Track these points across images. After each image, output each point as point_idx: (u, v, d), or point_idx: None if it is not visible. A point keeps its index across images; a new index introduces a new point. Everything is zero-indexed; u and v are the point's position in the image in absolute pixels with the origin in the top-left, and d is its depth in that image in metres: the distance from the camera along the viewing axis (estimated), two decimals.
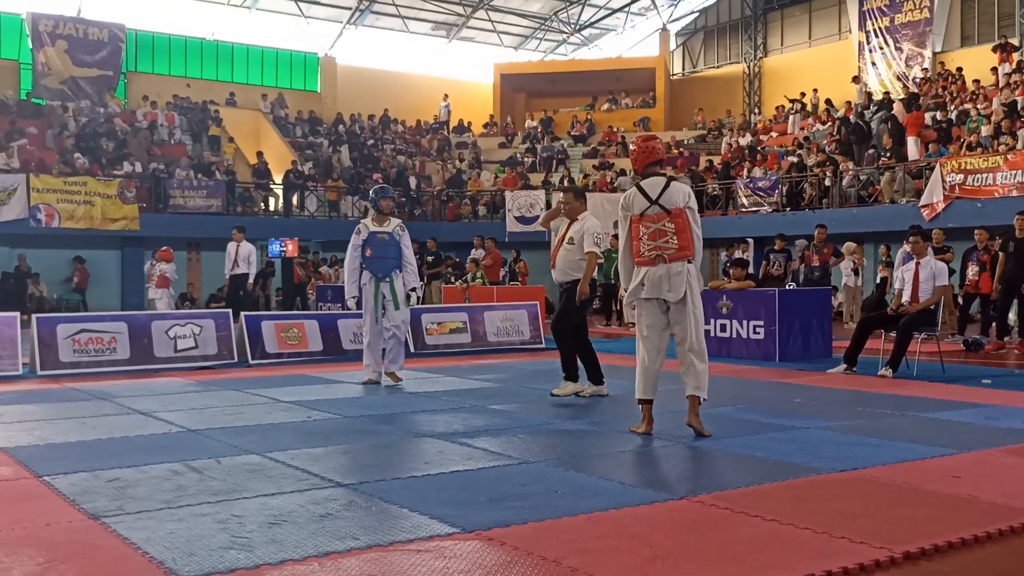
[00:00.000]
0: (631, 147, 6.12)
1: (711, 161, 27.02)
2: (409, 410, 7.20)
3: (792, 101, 28.64)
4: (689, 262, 5.78)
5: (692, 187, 23.90)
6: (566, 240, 7.70)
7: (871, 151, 21.67)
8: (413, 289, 8.97)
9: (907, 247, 13.66)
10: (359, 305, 9.01)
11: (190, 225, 22.21)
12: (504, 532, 3.69)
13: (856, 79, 27.86)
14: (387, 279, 8.83)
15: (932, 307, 9.47)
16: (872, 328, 9.71)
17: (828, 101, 27.18)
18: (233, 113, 29.13)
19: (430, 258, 18.40)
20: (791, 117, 27.91)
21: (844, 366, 9.51)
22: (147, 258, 18.37)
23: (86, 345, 10.23)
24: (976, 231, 14.03)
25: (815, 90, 28.59)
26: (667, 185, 5.81)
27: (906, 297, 9.50)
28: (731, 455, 5.33)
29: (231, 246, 16.15)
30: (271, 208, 25.45)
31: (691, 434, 5.96)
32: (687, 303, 5.77)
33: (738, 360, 10.98)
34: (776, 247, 15.78)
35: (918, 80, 26.04)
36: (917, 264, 9.53)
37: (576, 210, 7.79)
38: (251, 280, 16.45)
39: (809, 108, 28.00)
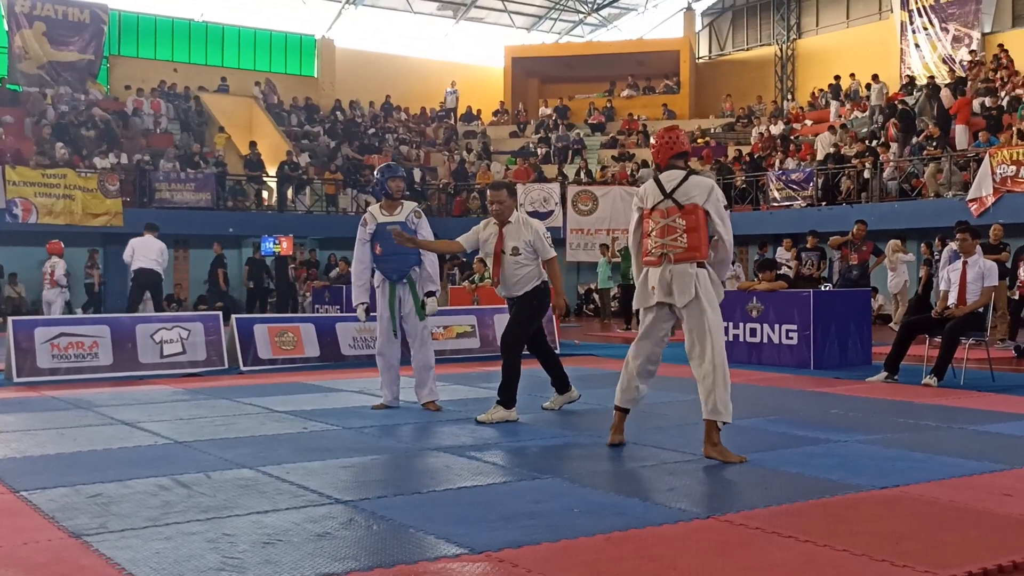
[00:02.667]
0: (652, 140, 6.07)
1: (740, 151, 26.97)
2: (413, 421, 7.20)
3: (830, 86, 28.58)
4: (700, 265, 5.59)
5: (718, 180, 23.98)
6: (508, 250, 7.16)
7: (915, 141, 21.59)
8: (430, 294, 7.80)
9: (953, 245, 13.66)
10: (370, 313, 8.02)
11: (177, 221, 22.27)
12: (516, 553, 3.69)
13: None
14: (404, 280, 7.78)
15: (980, 310, 9.43)
16: (916, 333, 9.68)
17: (868, 86, 27.08)
18: (224, 100, 29.23)
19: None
20: (832, 104, 27.82)
21: (885, 374, 9.48)
22: None
23: (66, 350, 10.28)
24: None
25: (852, 75, 28.49)
26: (685, 178, 5.64)
27: (952, 299, 9.46)
28: (762, 471, 5.31)
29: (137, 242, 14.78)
30: (264, 203, 25.53)
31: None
32: (699, 309, 5.54)
33: (769, 367, 10.95)
34: (808, 245, 15.74)
35: (965, 63, 25.92)
36: (964, 263, 9.50)
37: (509, 210, 7.27)
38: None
39: (847, 93, 27.90)
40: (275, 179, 25.39)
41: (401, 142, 30.03)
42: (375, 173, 8.10)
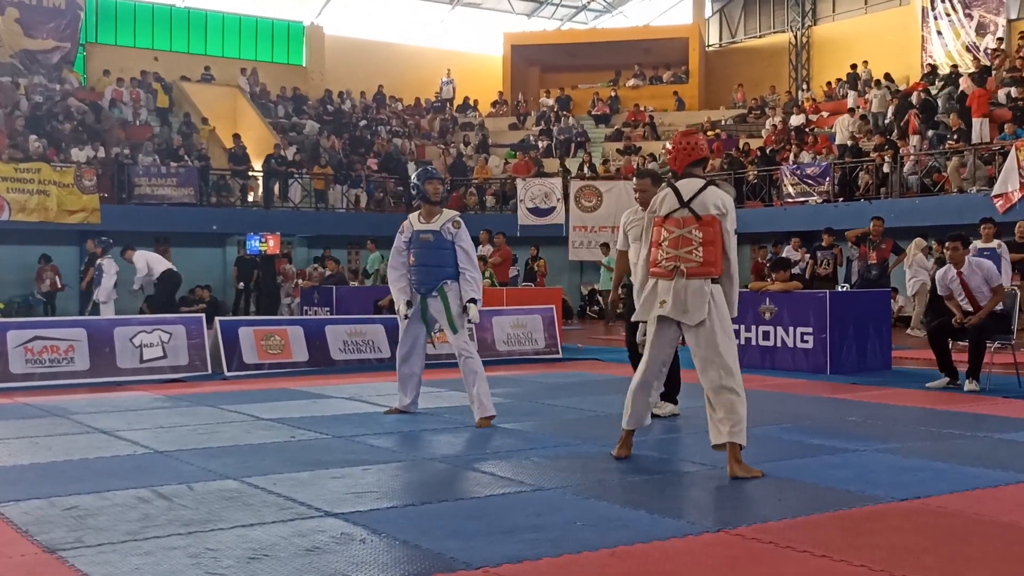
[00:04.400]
0: (668, 145, 6.02)
1: (748, 144, 26.98)
2: (407, 429, 7.21)
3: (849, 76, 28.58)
4: (715, 281, 5.51)
5: (729, 174, 24.00)
6: None
7: (931, 133, 21.59)
8: (472, 300, 7.56)
9: (978, 243, 13.68)
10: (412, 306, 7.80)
11: (158, 218, 22.28)
12: (516, 569, 3.70)
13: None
14: (435, 293, 7.58)
15: (1002, 310, 9.48)
16: (944, 337, 9.69)
17: (887, 76, 27.09)
18: (207, 90, 29.21)
19: None
20: (850, 94, 27.83)
21: (947, 379, 9.51)
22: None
23: (40, 354, 10.27)
24: None
25: (865, 62, 28.47)
26: (704, 188, 5.56)
27: (967, 307, 9.47)
28: (775, 481, 5.32)
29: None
30: (250, 198, 25.54)
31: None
32: (711, 330, 5.46)
33: (783, 372, 10.96)
34: (823, 243, 15.75)
35: (990, 51, 25.93)
36: (960, 274, 9.49)
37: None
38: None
39: (865, 83, 27.90)
40: (261, 173, 25.40)
41: (394, 135, 30.03)
42: (412, 176, 7.94)
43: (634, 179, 7.51)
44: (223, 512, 4.62)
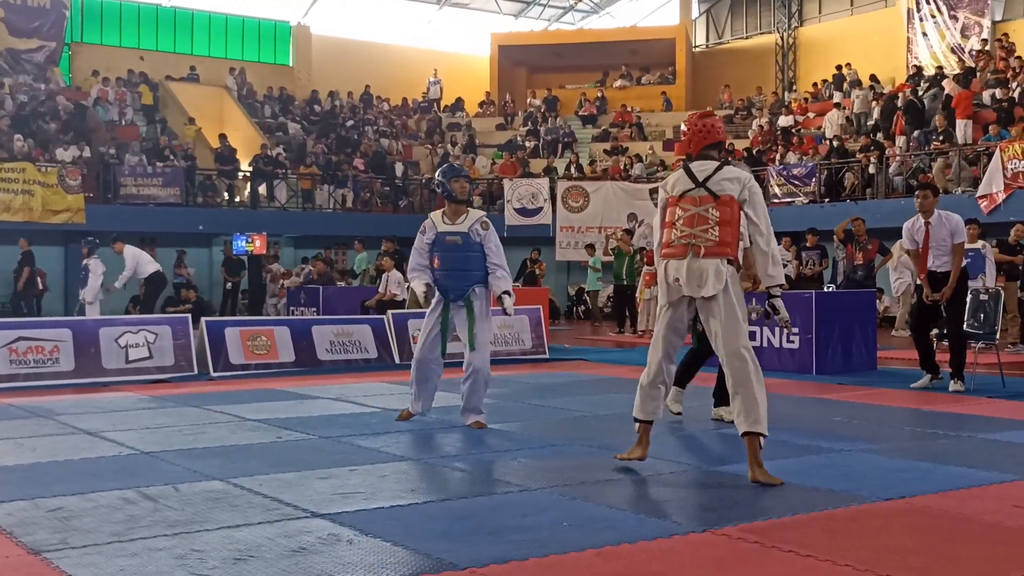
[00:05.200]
0: (683, 127, 5.94)
1: (734, 145, 27.02)
2: (394, 429, 7.20)
3: (834, 76, 28.68)
4: (729, 262, 5.34)
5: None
6: None
7: (916, 133, 21.69)
8: (506, 292, 7.19)
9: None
10: (428, 299, 7.35)
11: (143, 218, 22.18)
12: (502, 569, 3.70)
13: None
14: (461, 302, 7.16)
15: (985, 297, 9.61)
16: (927, 328, 9.74)
17: (873, 77, 27.20)
18: (193, 90, 29.12)
19: None
20: (835, 95, 27.94)
21: (929, 376, 9.56)
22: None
23: (24, 355, 10.23)
24: None
25: (848, 64, 28.58)
26: (719, 167, 5.41)
27: (939, 268, 9.42)
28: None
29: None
30: (236, 199, 25.47)
31: (714, 458, 5.97)
32: (729, 301, 5.29)
33: (769, 373, 10.87)
34: (808, 243, 15.80)
35: (975, 53, 26.07)
36: (927, 224, 9.45)
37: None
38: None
39: (851, 84, 28.01)
40: (248, 173, 25.32)
41: (381, 135, 30.00)
42: (436, 174, 7.41)
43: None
44: (209, 513, 4.61)
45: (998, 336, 9.72)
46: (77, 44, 29.55)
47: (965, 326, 9.90)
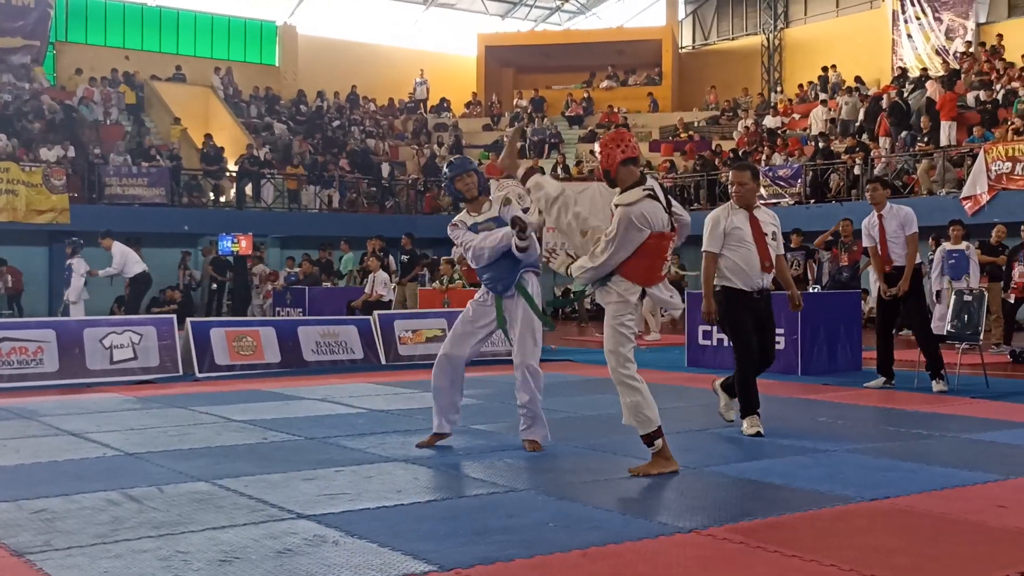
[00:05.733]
0: (598, 148, 5.80)
1: (720, 146, 27.10)
2: (380, 431, 7.19)
3: (820, 78, 28.81)
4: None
5: (703, 176, 24.06)
6: (770, 234, 6.93)
7: (903, 135, 21.79)
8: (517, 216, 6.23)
9: (947, 245, 13.82)
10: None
11: (129, 218, 22.08)
12: (488, 570, 3.70)
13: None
14: (510, 292, 6.39)
15: (969, 294, 9.76)
16: (891, 327, 9.78)
17: (858, 78, 27.31)
18: (179, 90, 29.04)
19: (404, 258, 18.37)
20: (821, 96, 28.04)
21: (883, 379, 9.59)
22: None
23: (8, 356, 10.16)
24: (1023, 227, 14.12)
25: (833, 66, 28.70)
26: (656, 189, 5.63)
27: (897, 262, 9.46)
28: (746, 482, 5.35)
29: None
30: (222, 199, 25.40)
31: (700, 459, 5.98)
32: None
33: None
34: (793, 244, 15.85)
35: (959, 55, 26.20)
36: (880, 217, 9.55)
37: (753, 194, 7.11)
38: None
39: (835, 86, 28.13)
40: (234, 173, 25.25)
41: (368, 135, 29.97)
42: (445, 170, 6.73)
43: (731, 172, 7.14)
44: (194, 514, 4.59)
45: (981, 337, 9.77)
46: (62, 43, 29.43)
47: (949, 327, 9.95)
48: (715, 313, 6.82)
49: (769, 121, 27.65)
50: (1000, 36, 25.65)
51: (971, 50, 25.94)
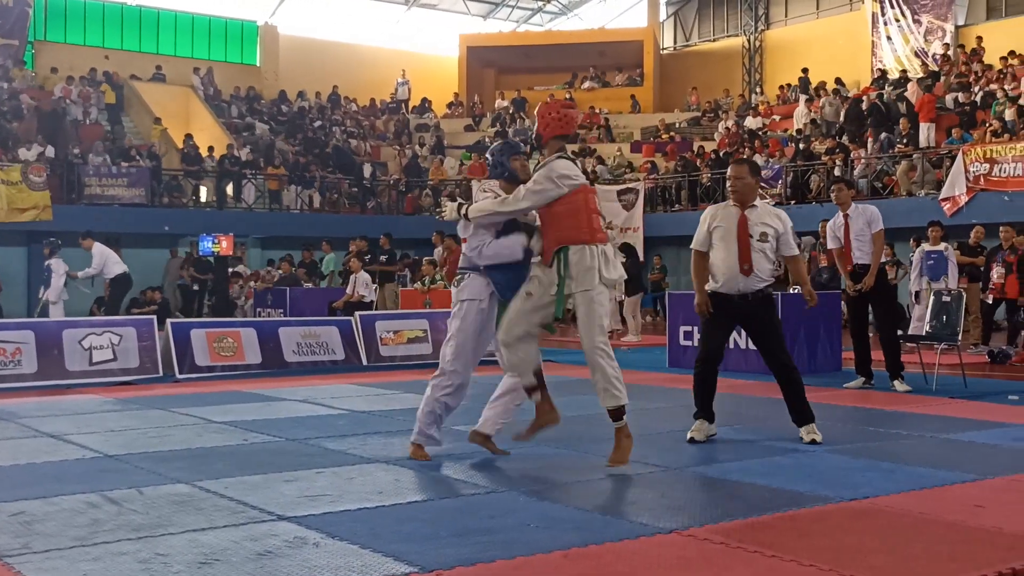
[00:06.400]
0: (544, 115, 5.82)
1: (702, 147, 27.19)
2: (361, 432, 7.18)
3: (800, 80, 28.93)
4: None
5: (683, 177, 24.07)
6: (756, 235, 6.60)
7: (883, 136, 21.91)
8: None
9: (926, 246, 13.91)
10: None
11: (108, 218, 21.95)
12: (470, 571, 3.70)
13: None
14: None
15: (948, 294, 9.89)
16: (864, 326, 9.85)
17: (838, 80, 27.44)
18: (159, 89, 28.89)
19: (383, 257, 18.36)
20: (801, 98, 28.17)
21: (862, 380, 9.65)
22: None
23: None
24: (1001, 228, 14.22)
25: (805, 69, 28.85)
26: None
27: (861, 260, 9.56)
28: (726, 483, 5.37)
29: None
30: (203, 199, 25.28)
31: (681, 459, 6.00)
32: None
33: (735, 374, 11.04)
34: None
35: (938, 57, 26.37)
36: (846, 216, 9.68)
37: (751, 190, 6.76)
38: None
39: (816, 88, 28.26)
40: (214, 174, 25.14)
41: (349, 135, 29.90)
42: (487, 155, 6.39)
43: (729, 166, 6.91)
44: (174, 517, 4.57)
45: (960, 337, 9.84)
46: (41, 42, 29.24)
47: (928, 327, 10.03)
48: (706, 305, 6.66)
49: (750, 122, 27.75)
50: (979, 38, 25.85)
51: (950, 52, 26.12)
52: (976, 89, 22.55)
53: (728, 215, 6.71)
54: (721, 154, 25.71)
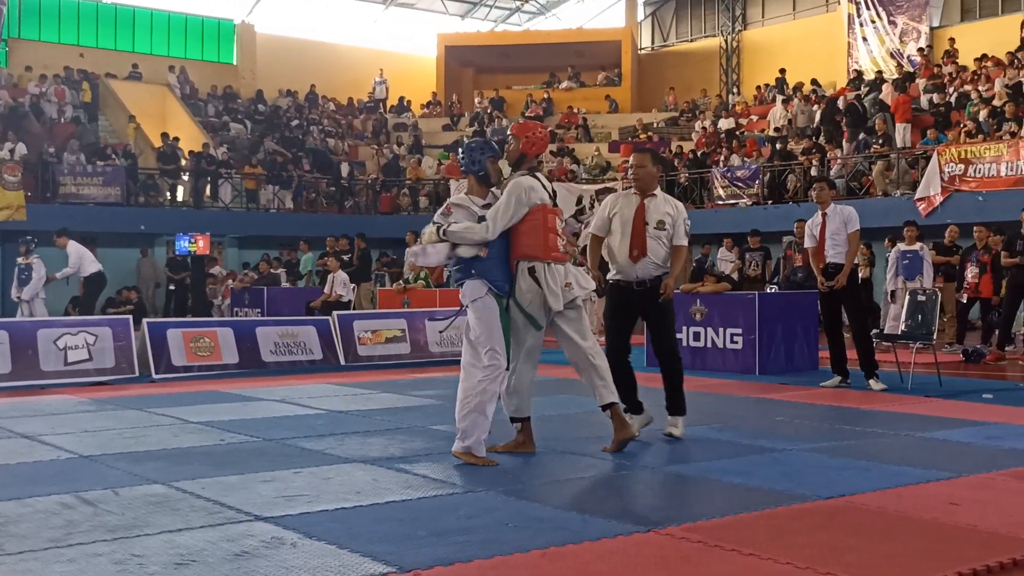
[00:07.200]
0: (517, 129, 6.27)
1: (680, 147, 27.26)
2: (339, 431, 7.16)
3: (777, 81, 29.09)
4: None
5: (661, 177, 24.23)
6: (653, 223, 6.66)
7: (861, 137, 22.04)
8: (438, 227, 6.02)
9: (901, 246, 14.01)
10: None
11: (83, 217, 21.79)
12: (447, 571, 3.70)
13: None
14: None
15: (924, 292, 10.02)
16: (838, 325, 9.91)
17: (814, 81, 27.59)
18: (135, 88, 28.71)
19: (346, 257, 18.24)
20: (778, 98, 28.30)
21: (838, 379, 9.71)
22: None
23: None
24: (975, 228, 14.35)
25: (782, 70, 29.01)
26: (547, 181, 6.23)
27: (834, 259, 9.64)
28: (704, 481, 5.39)
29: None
30: (179, 198, 25.13)
31: (658, 458, 6.02)
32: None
33: (713, 373, 11.09)
34: (752, 245, 15.98)
35: (915, 58, 26.56)
36: (824, 215, 9.78)
37: (652, 179, 6.84)
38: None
39: (793, 89, 28.40)
40: (190, 173, 25.00)
41: (327, 135, 29.81)
42: (462, 149, 6.36)
43: (632, 155, 7.19)
44: (149, 517, 4.55)
45: (935, 336, 9.91)
46: (15, 40, 29.00)
47: (903, 326, 10.10)
48: (599, 280, 6.78)
49: (727, 122, 27.85)
50: (952, 40, 26.05)
51: (925, 53, 26.31)
52: (951, 90, 22.72)
53: (628, 203, 6.84)
54: (699, 154, 25.80)
